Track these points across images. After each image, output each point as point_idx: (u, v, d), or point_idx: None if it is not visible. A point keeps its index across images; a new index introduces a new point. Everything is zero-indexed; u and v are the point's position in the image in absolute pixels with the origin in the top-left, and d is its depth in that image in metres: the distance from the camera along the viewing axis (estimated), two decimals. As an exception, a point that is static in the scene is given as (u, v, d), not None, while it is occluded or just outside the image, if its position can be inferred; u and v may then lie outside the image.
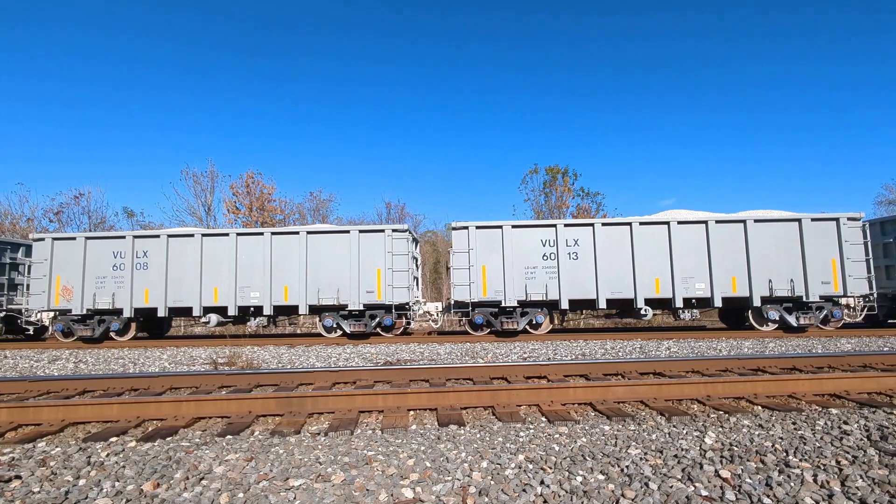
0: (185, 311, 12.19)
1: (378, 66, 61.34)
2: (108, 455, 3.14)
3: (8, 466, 2.97)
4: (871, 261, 11.31)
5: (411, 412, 4.32)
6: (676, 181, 53.87)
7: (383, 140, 57.00)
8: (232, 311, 11.85)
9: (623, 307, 11.92)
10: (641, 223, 11.56)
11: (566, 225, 11.76)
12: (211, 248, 11.99)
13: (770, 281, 11.27)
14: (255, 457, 3.04)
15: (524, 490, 2.46)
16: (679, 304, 11.36)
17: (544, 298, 11.42)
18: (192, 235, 12.12)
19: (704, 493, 2.38)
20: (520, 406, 4.39)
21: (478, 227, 11.66)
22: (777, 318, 11.27)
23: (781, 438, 3.21)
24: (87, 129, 49.98)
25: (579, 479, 2.58)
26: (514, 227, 11.75)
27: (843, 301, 11.60)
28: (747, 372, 5.98)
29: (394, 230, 11.83)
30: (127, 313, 11.89)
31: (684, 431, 3.43)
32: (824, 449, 2.95)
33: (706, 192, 52.53)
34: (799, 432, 3.34)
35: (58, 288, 11.96)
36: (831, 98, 56.99)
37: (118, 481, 2.68)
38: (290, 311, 12.29)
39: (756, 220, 11.44)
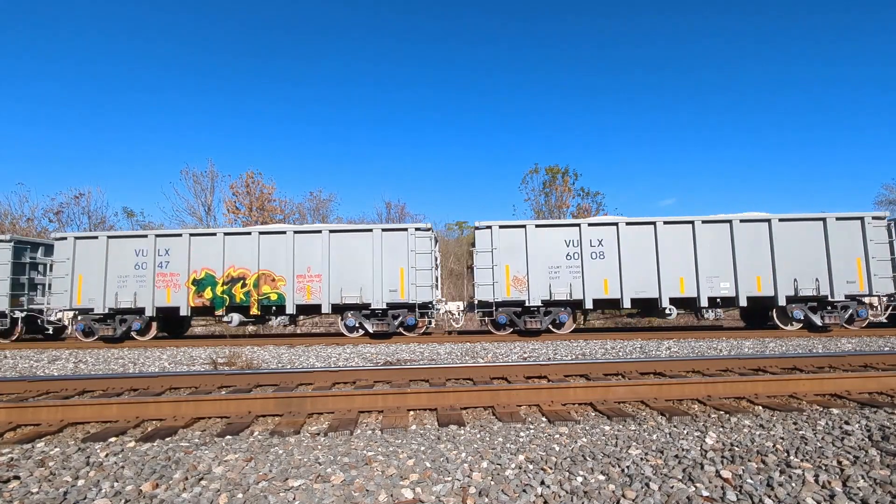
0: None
1: (378, 67, 61.37)
2: (107, 455, 3.13)
3: (7, 467, 2.97)
4: (897, 259, 11.26)
5: (411, 412, 4.31)
6: (676, 181, 53.86)
7: (383, 140, 57.03)
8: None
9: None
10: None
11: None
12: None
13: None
14: (254, 457, 3.03)
15: (524, 490, 2.45)
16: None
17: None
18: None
19: (705, 493, 2.37)
20: (520, 406, 4.38)
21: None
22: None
23: (782, 438, 3.20)
24: (87, 130, 50.02)
25: (580, 479, 2.57)
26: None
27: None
28: (748, 372, 5.97)
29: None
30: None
31: (685, 431, 3.42)
32: (825, 449, 2.94)
33: (706, 192, 52.51)
34: (800, 432, 3.33)
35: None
36: (831, 98, 56.99)
37: (117, 482, 2.68)
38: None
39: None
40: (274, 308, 11.99)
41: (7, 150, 42.87)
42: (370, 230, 11.92)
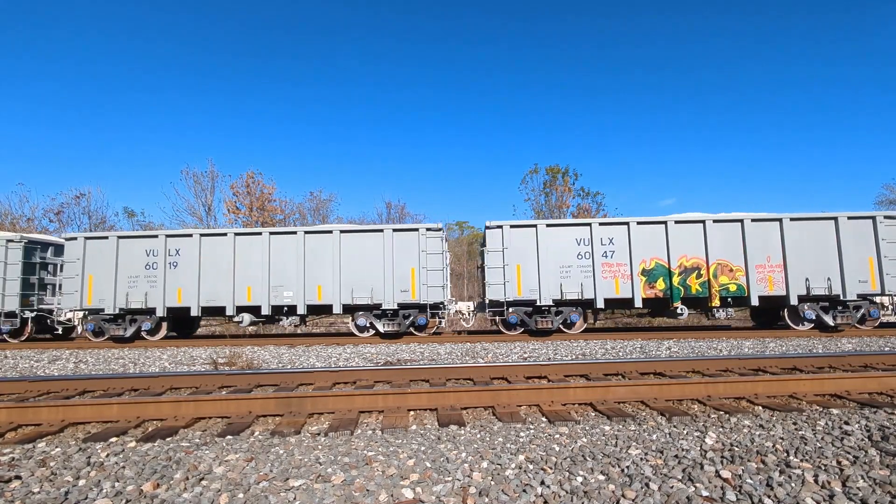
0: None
1: (378, 67, 61.37)
2: (107, 455, 3.14)
3: (8, 467, 2.97)
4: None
5: (411, 412, 4.32)
6: (676, 181, 53.83)
7: (383, 140, 57.07)
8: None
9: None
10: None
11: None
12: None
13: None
14: (255, 457, 3.03)
15: (524, 490, 2.45)
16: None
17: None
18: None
19: (705, 493, 2.38)
20: (520, 406, 4.38)
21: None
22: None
23: (782, 439, 3.20)
24: (87, 130, 50.05)
25: (580, 479, 2.57)
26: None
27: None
28: (748, 372, 5.97)
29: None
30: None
31: (685, 432, 3.43)
32: (825, 449, 2.95)
33: (706, 192, 52.49)
34: (800, 432, 3.33)
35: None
36: (831, 98, 56.94)
37: (118, 481, 2.68)
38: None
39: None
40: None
41: (7, 150, 42.92)
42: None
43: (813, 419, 3.69)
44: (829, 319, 11.24)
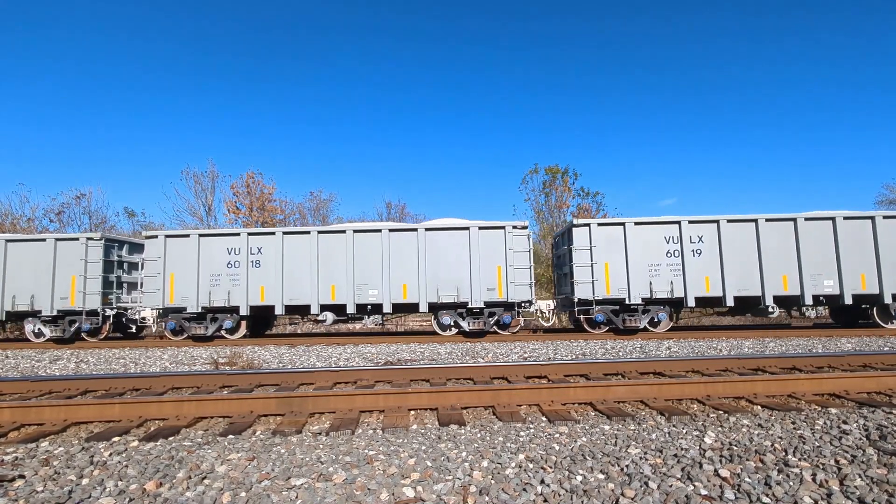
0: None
1: (378, 67, 61.33)
2: (110, 455, 3.16)
3: (11, 466, 2.99)
4: None
5: (412, 412, 4.34)
6: (676, 181, 53.81)
7: (383, 140, 56.96)
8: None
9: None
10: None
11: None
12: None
13: None
14: (256, 456, 3.05)
15: (524, 489, 2.47)
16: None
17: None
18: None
19: (704, 492, 2.40)
20: (520, 406, 4.40)
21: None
22: None
23: (781, 438, 3.22)
24: (87, 130, 50.02)
25: (579, 478, 2.59)
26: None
27: None
28: (747, 372, 5.99)
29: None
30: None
31: (684, 431, 3.45)
32: (823, 448, 2.97)
33: (707, 192, 52.48)
34: (798, 432, 3.35)
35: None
36: (831, 98, 56.92)
37: (121, 481, 2.70)
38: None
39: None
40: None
41: (7, 150, 42.92)
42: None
43: (811, 418, 3.71)
44: None
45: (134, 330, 13.01)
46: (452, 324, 11.71)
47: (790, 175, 52.84)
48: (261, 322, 13.42)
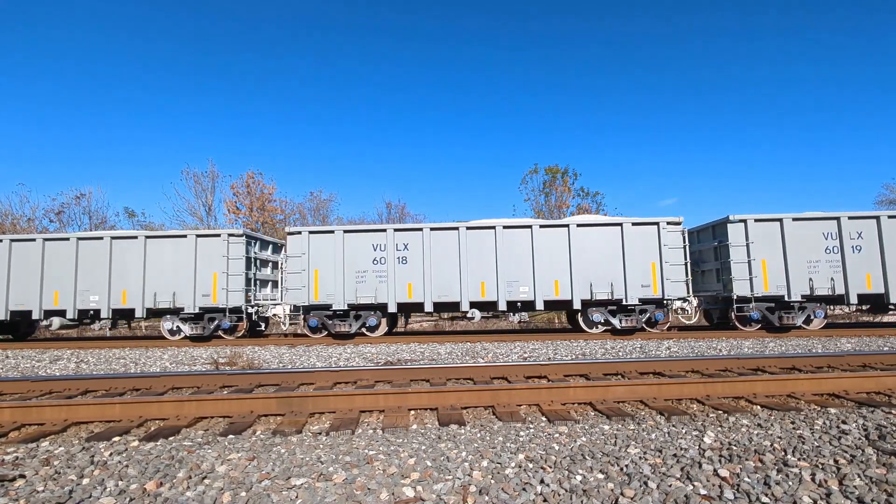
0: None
1: (378, 67, 61.31)
2: (110, 454, 3.16)
3: (12, 465, 3.00)
4: None
5: (412, 412, 4.34)
6: (677, 181, 53.79)
7: (383, 140, 56.91)
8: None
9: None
10: None
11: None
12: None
13: None
14: (256, 456, 3.06)
15: (524, 489, 2.48)
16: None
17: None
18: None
19: (703, 492, 2.40)
20: (520, 406, 4.41)
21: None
22: None
23: (780, 438, 3.22)
24: (87, 130, 49.97)
25: (579, 478, 2.60)
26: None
27: None
28: (747, 372, 5.99)
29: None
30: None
31: (683, 431, 3.45)
32: (823, 448, 2.97)
33: (707, 192, 52.48)
34: (797, 432, 3.36)
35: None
36: (831, 98, 56.90)
37: (121, 480, 2.71)
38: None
39: None
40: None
41: (7, 150, 42.89)
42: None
43: (811, 418, 3.71)
44: None
45: (263, 328, 12.76)
46: (603, 321, 11.55)
47: (790, 175, 52.84)
48: (391, 321, 13.00)
